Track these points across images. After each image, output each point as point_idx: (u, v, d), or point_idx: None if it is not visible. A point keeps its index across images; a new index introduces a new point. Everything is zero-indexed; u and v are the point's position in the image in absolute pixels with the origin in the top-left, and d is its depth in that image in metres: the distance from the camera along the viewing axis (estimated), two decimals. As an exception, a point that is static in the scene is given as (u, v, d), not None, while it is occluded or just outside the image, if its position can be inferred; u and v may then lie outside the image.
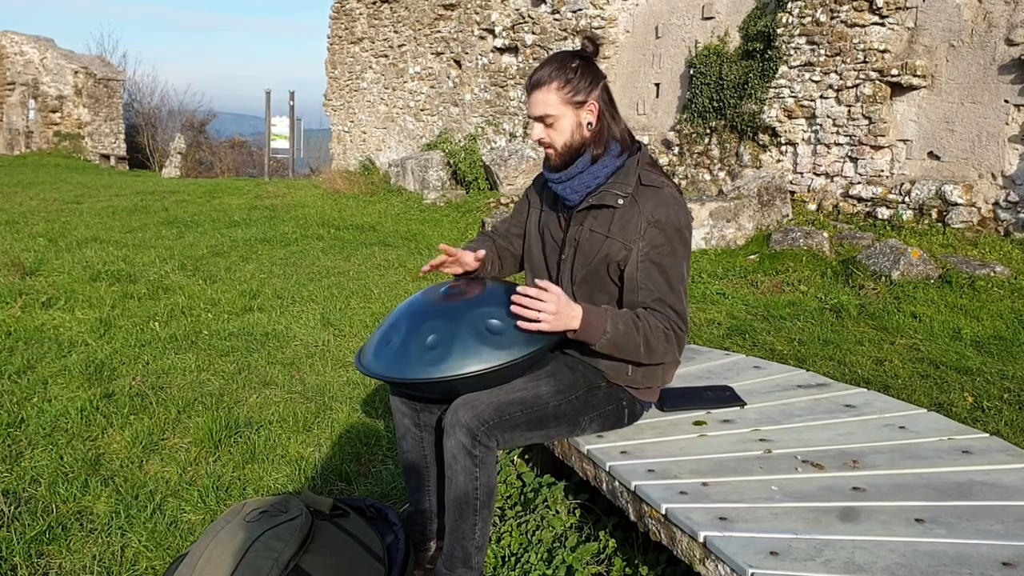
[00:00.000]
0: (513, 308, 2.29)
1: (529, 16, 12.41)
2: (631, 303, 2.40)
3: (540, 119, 2.43)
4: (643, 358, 2.37)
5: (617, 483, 2.24)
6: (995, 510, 1.96)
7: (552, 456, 2.73)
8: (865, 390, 2.89)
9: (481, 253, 2.71)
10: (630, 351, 2.34)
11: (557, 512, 2.72)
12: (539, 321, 2.26)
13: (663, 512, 2.02)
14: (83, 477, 3.23)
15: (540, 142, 2.48)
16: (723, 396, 2.76)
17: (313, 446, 3.61)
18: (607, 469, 2.29)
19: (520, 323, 2.28)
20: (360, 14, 16.96)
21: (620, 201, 2.40)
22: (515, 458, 3.11)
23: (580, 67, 2.40)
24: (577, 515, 2.75)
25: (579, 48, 2.47)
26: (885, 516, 1.93)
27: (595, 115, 2.42)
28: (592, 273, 2.46)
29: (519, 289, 2.30)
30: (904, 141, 8.05)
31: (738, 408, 2.71)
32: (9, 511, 2.94)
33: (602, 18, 11.24)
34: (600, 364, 2.48)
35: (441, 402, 2.50)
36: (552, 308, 2.25)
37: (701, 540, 1.88)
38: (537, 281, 2.33)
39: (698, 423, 2.58)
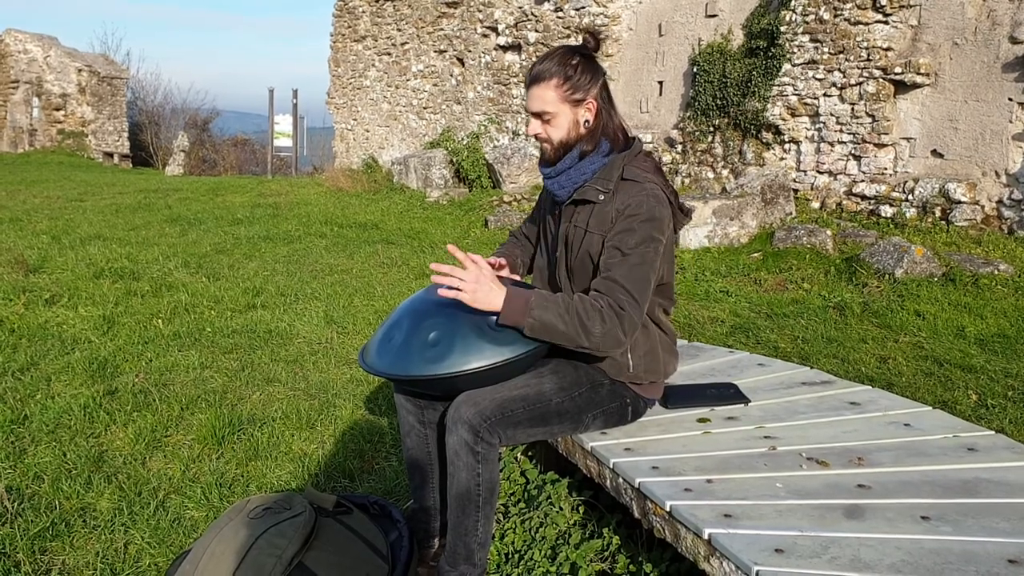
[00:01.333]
0: (434, 278, 2.29)
1: (532, 14, 12.40)
2: (592, 283, 2.35)
3: (538, 115, 2.43)
4: (581, 342, 2.24)
5: (621, 480, 2.24)
6: (1001, 507, 1.95)
7: (556, 453, 2.72)
8: (869, 388, 2.88)
9: (501, 262, 2.76)
10: (562, 333, 2.24)
11: (561, 509, 2.72)
12: (459, 290, 2.24)
13: (667, 509, 2.02)
14: (86, 474, 3.24)
15: (537, 137, 2.47)
16: (727, 393, 2.76)
17: (316, 443, 3.61)
18: (611, 466, 2.29)
19: (440, 291, 2.27)
20: (363, 12, 16.95)
21: (601, 197, 2.39)
22: (518, 455, 3.10)
23: (580, 64, 2.38)
24: (581, 512, 2.74)
25: (580, 43, 2.46)
26: (890, 513, 1.93)
27: (593, 113, 2.42)
28: (579, 267, 2.47)
29: (435, 266, 2.31)
30: (907, 139, 8.04)
31: (742, 405, 2.70)
32: (12, 508, 2.94)
33: (605, 16, 11.23)
34: (602, 362, 2.48)
35: (444, 399, 2.49)
36: (471, 277, 2.25)
37: (706, 537, 1.87)
38: (468, 255, 2.33)
39: (702, 420, 2.58)
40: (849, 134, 8.38)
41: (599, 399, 2.45)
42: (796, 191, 8.85)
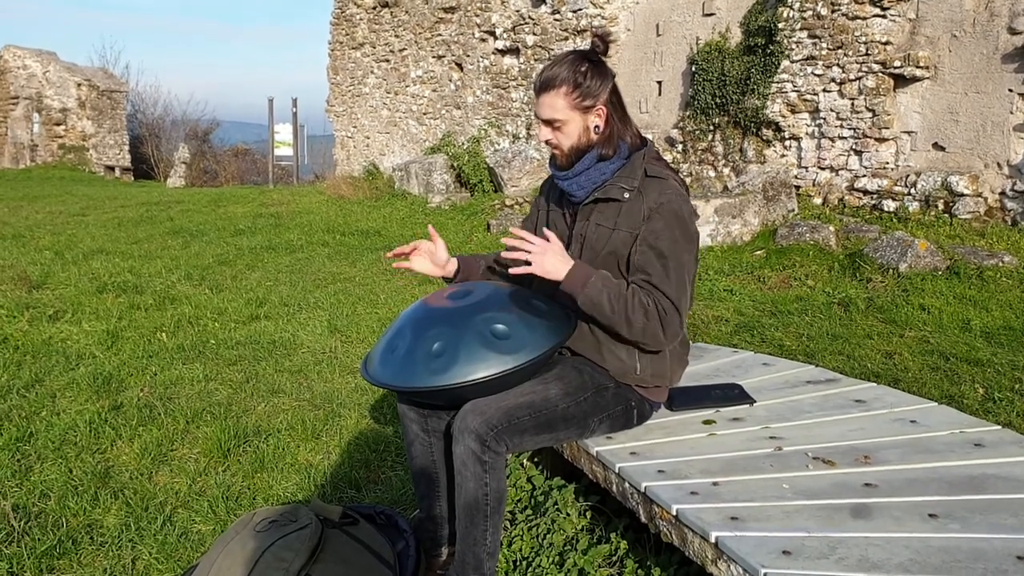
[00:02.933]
0: (505, 253, 2.38)
1: (529, 17, 12.39)
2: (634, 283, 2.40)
3: (548, 122, 2.42)
4: (622, 329, 2.35)
5: (627, 484, 2.23)
6: (1008, 503, 1.94)
7: (562, 458, 2.71)
8: (875, 385, 2.87)
9: (451, 265, 2.84)
10: (607, 315, 2.33)
11: (568, 515, 2.71)
12: (528, 262, 2.32)
13: (674, 513, 2.01)
14: (92, 490, 3.24)
15: (547, 143, 2.47)
16: (732, 394, 2.75)
17: (322, 453, 3.60)
18: (617, 471, 2.28)
19: (512, 269, 2.35)
20: (360, 19, 16.97)
21: (626, 195, 2.40)
22: (525, 461, 3.10)
23: (590, 70, 2.37)
24: (588, 517, 2.73)
25: (589, 47, 2.45)
26: (898, 512, 1.92)
27: (603, 119, 2.41)
28: (602, 266, 2.45)
29: (512, 230, 2.41)
30: (908, 133, 8.02)
31: (747, 406, 2.69)
32: (19, 526, 2.94)
33: (602, 17, 11.22)
34: (607, 364, 2.47)
35: (450, 408, 2.48)
36: (539, 248, 2.32)
37: (713, 540, 1.86)
38: (544, 230, 2.40)
39: (707, 422, 2.57)
40: (850, 129, 8.36)
41: (604, 403, 2.45)
42: (798, 188, 8.83)
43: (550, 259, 2.32)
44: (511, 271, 2.36)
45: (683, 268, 2.37)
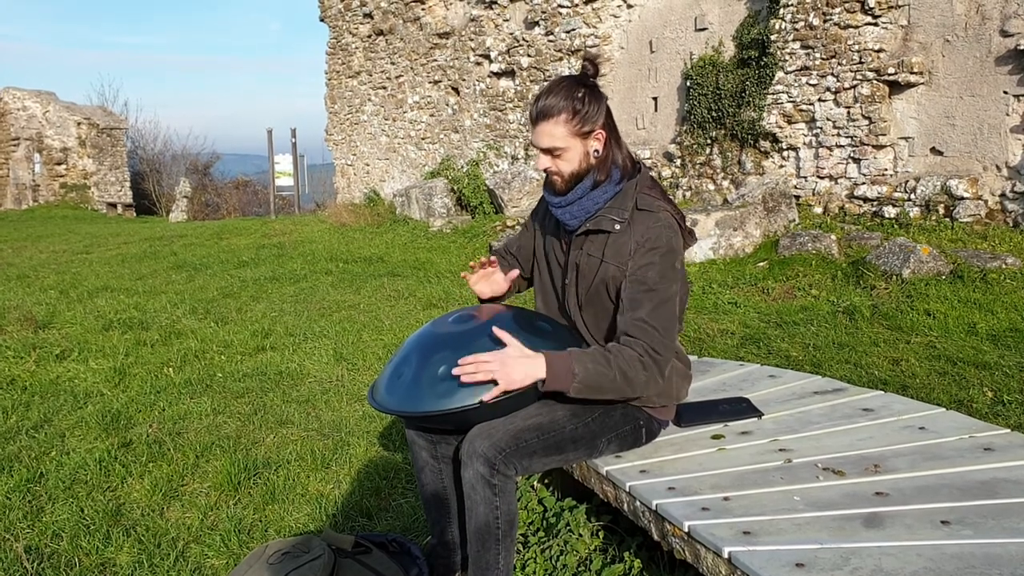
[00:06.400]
0: (457, 372, 2.23)
1: (523, 39, 12.46)
2: (619, 323, 2.37)
3: (547, 151, 2.41)
4: (627, 392, 2.31)
5: (638, 503, 2.22)
6: (1021, 507, 1.93)
7: (572, 479, 2.71)
8: (882, 392, 2.87)
9: (514, 273, 2.75)
10: (607, 388, 2.27)
11: (580, 535, 2.70)
12: (491, 381, 2.20)
13: (686, 530, 2.00)
14: (104, 528, 3.23)
15: (547, 171, 2.45)
16: (740, 408, 2.75)
17: (332, 483, 3.60)
18: (627, 489, 2.28)
19: (482, 397, 2.22)
20: (356, 48, 17.07)
21: (616, 226, 2.39)
22: (535, 483, 3.09)
23: (587, 95, 2.36)
24: (601, 537, 2.73)
25: (580, 71, 2.45)
26: (910, 520, 1.91)
27: (602, 142, 2.41)
28: (594, 296, 2.46)
29: (460, 361, 2.24)
30: (906, 139, 8.04)
31: (755, 419, 2.69)
32: (32, 568, 2.93)
33: (596, 36, 11.28)
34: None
35: (457, 433, 2.49)
36: (495, 358, 2.21)
37: (726, 556, 1.86)
38: (494, 329, 2.30)
39: (716, 437, 2.57)
40: (847, 137, 8.39)
41: (612, 423, 2.44)
42: (798, 198, 8.85)
43: (515, 367, 2.22)
44: (482, 399, 2.22)
45: (671, 301, 2.36)
